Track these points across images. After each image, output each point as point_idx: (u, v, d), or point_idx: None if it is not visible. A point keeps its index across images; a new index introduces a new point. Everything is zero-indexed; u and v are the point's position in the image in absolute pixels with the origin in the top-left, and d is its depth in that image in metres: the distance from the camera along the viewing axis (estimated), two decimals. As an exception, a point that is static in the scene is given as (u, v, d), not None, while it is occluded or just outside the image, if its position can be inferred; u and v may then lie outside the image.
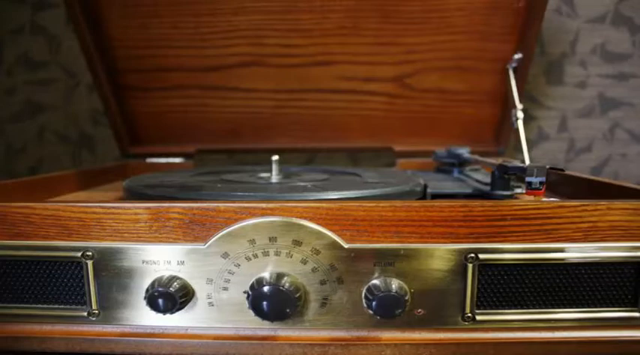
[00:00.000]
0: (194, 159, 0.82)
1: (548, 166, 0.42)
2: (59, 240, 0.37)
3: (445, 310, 0.36)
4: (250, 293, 0.35)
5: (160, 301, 0.35)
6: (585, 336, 0.37)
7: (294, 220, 0.35)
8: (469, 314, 0.36)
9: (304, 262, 0.36)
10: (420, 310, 0.36)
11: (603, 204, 0.35)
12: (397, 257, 0.35)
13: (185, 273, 0.36)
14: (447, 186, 0.55)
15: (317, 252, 0.35)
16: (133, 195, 0.47)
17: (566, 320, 0.36)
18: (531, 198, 0.43)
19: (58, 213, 0.36)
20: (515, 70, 0.71)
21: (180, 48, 0.75)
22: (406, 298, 0.35)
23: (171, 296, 0.35)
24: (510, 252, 0.35)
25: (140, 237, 0.36)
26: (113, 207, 0.36)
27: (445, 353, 0.37)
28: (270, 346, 0.37)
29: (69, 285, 0.38)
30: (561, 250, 0.35)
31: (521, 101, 0.68)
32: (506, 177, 0.48)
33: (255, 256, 0.36)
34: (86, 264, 0.37)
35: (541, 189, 0.41)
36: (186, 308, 0.37)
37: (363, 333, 0.37)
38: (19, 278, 0.38)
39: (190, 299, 0.37)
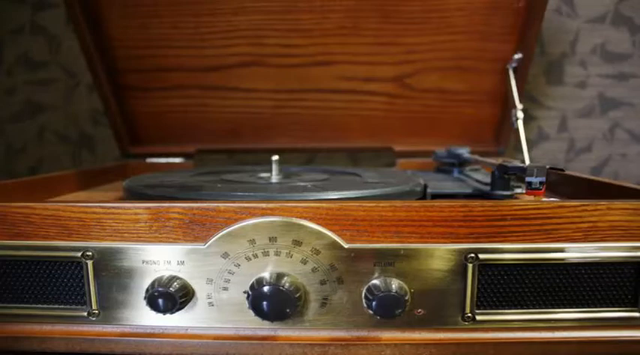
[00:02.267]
0: (194, 159, 0.82)
1: (548, 166, 0.42)
2: (59, 240, 0.37)
3: (445, 310, 0.36)
4: (250, 293, 0.35)
5: (160, 301, 0.35)
6: (585, 336, 0.37)
7: (294, 220, 0.35)
8: (469, 314, 0.36)
9: (304, 262, 0.36)
10: (420, 310, 0.36)
11: (603, 204, 0.35)
12: (397, 257, 0.35)
13: (185, 273, 0.36)
14: (447, 186, 0.55)
15: (317, 252, 0.35)
16: (133, 195, 0.47)
17: (566, 320, 0.36)
18: (531, 198, 0.43)
19: (58, 213, 0.36)
20: (515, 70, 0.71)
21: (180, 48, 0.75)
22: (406, 298, 0.35)
23: (171, 296, 0.35)
24: (510, 252, 0.35)
25: (140, 237, 0.36)
26: (113, 207, 0.36)
27: (445, 353, 0.37)
28: (270, 346, 0.37)
29: (69, 285, 0.38)
30: (561, 250, 0.35)
31: (521, 101, 0.68)
32: (506, 177, 0.48)
33: (255, 256, 0.36)
34: (86, 263, 0.37)
35: (541, 189, 0.41)
36: (186, 308, 0.37)
37: (363, 333, 0.37)
38: (19, 278, 0.38)
39: (190, 299, 0.37)
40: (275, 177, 0.55)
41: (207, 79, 0.77)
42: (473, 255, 0.35)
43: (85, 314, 0.38)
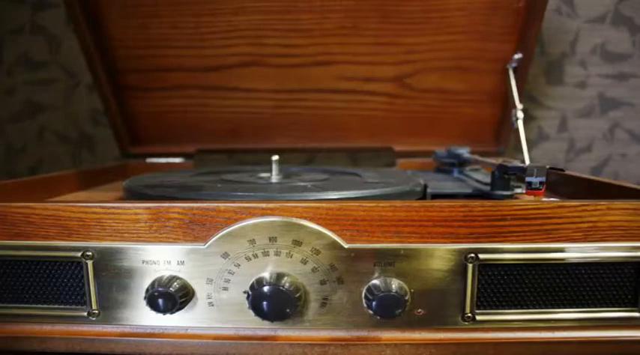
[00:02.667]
0: (194, 159, 0.82)
1: (548, 166, 0.42)
2: (59, 240, 0.37)
3: (445, 310, 0.36)
4: (250, 293, 0.35)
5: (160, 301, 0.35)
6: (585, 336, 0.37)
7: (294, 220, 0.35)
8: (469, 314, 0.36)
9: (304, 262, 0.36)
10: (420, 310, 0.36)
11: (603, 204, 0.35)
12: (397, 257, 0.35)
13: (185, 273, 0.36)
14: (447, 186, 0.55)
15: (317, 252, 0.35)
16: (133, 195, 0.47)
17: (566, 320, 0.36)
18: (531, 198, 0.43)
19: (58, 213, 0.36)
20: (515, 70, 0.71)
21: (180, 48, 0.75)
22: (406, 298, 0.35)
23: (171, 296, 0.35)
24: (510, 252, 0.35)
25: (140, 237, 0.36)
26: (113, 207, 0.36)
27: (445, 353, 0.37)
28: (270, 346, 0.37)
29: (69, 285, 0.38)
30: (561, 250, 0.35)
31: (521, 101, 0.68)
32: (506, 177, 0.48)
33: (255, 256, 0.36)
34: (86, 263, 0.37)
35: (541, 189, 0.41)
36: (186, 308, 0.37)
37: (363, 333, 0.37)
38: (19, 278, 0.38)
39: (190, 299, 0.37)
40: (275, 177, 0.55)
41: (207, 79, 0.77)
42: (473, 255, 0.35)
43: (85, 314, 0.38)
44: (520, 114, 0.66)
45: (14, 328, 0.38)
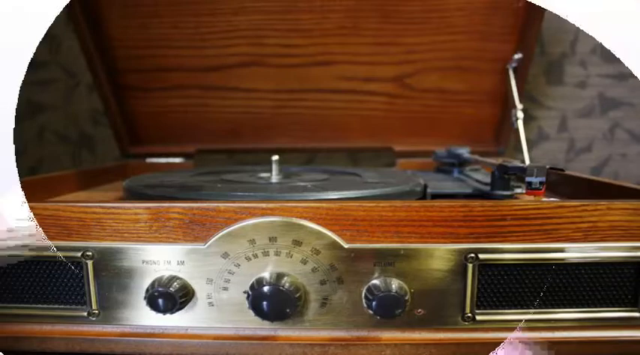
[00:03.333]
0: (194, 159, 0.82)
1: (548, 166, 0.42)
2: (59, 240, 0.37)
3: (445, 310, 0.36)
4: (250, 293, 0.35)
5: (160, 301, 0.35)
6: (585, 336, 0.37)
7: (294, 220, 0.35)
8: (469, 314, 0.36)
9: (304, 262, 0.36)
10: (420, 310, 0.36)
11: (603, 204, 0.35)
12: (397, 257, 0.35)
13: (185, 273, 0.36)
14: (447, 186, 0.55)
15: (317, 252, 0.35)
16: (133, 195, 0.47)
17: (566, 320, 0.36)
18: (531, 198, 0.43)
19: (58, 213, 0.36)
20: (515, 70, 0.71)
21: (180, 48, 0.75)
22: (406, 298, 0.35)
23: (171, 296, 0.35)
24: (510, 252, 0.35)
25: (140, 237, 0.36)
26: (113, 207, 0.36)
27: (445, 353, 0.37)
28: (270, 346, 0.37)
29: (69, 285, 0.38)
30: (561, 250, 0.35)
31: (521, 101, 0.68)
32: (506, 177, 0.48)
33: (255, 256, 0.36)
34: (86, 264, 0.37)
35: (541, 189, 0.41)
36: (186, 308, 0.37)
37: (363, 333, 0.37)
38: (19, 278, 0.38)
39: (190, 299, 0.37)
40: (275, 177, 0.55)
41: (207, 79, 0.77)
42: (473, 255, 0.35)
43: (85, 314, 0.38)
44: (520, 114, 0.67)
45: (14, 328, 0.38)
